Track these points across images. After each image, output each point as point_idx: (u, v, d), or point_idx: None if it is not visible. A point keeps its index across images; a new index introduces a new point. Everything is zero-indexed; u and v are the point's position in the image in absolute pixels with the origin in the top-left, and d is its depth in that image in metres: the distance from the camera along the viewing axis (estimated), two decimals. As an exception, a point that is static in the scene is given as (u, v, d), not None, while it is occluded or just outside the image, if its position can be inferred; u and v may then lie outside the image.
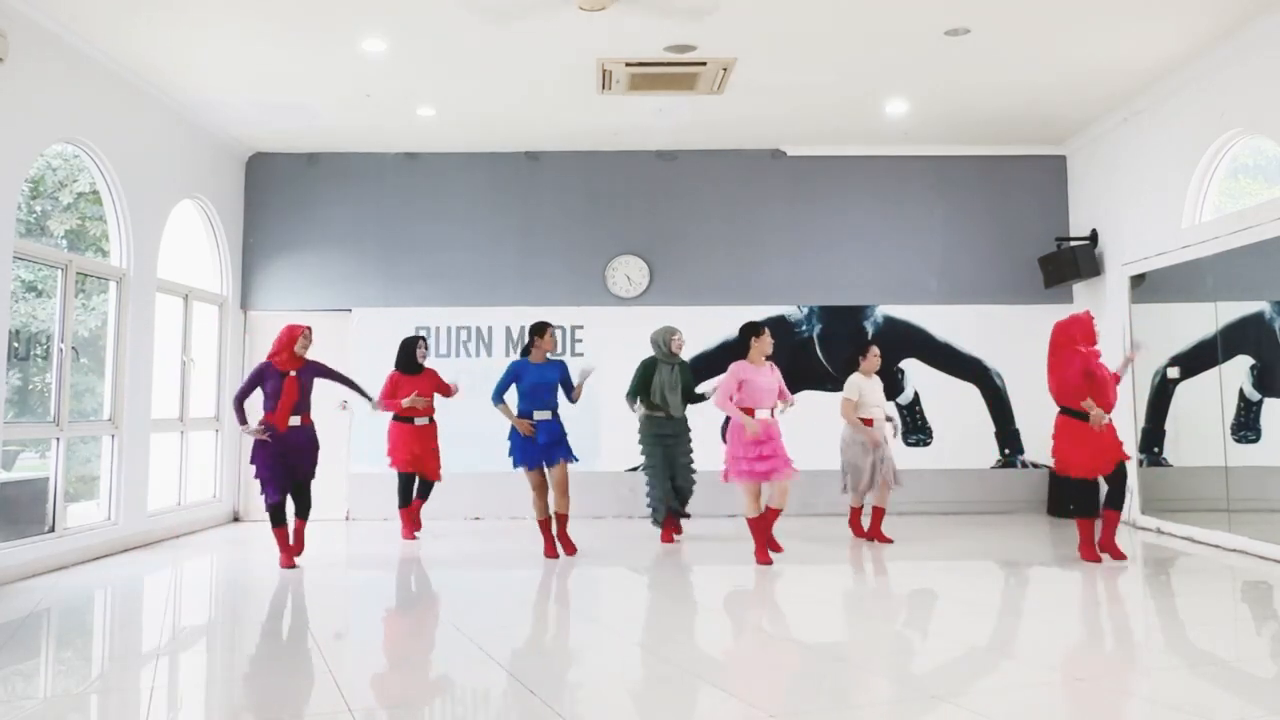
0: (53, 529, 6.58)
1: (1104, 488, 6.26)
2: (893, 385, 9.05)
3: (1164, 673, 3.96)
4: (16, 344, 6.79)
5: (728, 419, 6.43)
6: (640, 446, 7.35)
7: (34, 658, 4.49)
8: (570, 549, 6.77)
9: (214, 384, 8.91)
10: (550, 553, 6.67)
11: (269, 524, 6.49)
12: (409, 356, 7.80)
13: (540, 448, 6.61)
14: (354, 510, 9.14)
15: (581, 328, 9.29)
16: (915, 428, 9.27)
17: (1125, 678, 3.93)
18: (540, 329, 6.75)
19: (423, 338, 8.00)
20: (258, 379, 6.42)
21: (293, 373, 6.38)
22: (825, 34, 6.74)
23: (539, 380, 6.68)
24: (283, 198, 9.41)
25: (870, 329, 9.34)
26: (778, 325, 9.31)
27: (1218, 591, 5.75)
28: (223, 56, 7.07)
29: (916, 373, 9.29)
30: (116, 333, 7.38)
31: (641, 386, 7.28)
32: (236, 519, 9.09)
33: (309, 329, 6.54)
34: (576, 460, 6.78)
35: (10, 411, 6.40)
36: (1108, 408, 6.16)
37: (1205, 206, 7.42)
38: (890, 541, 7.15)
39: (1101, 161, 8.81)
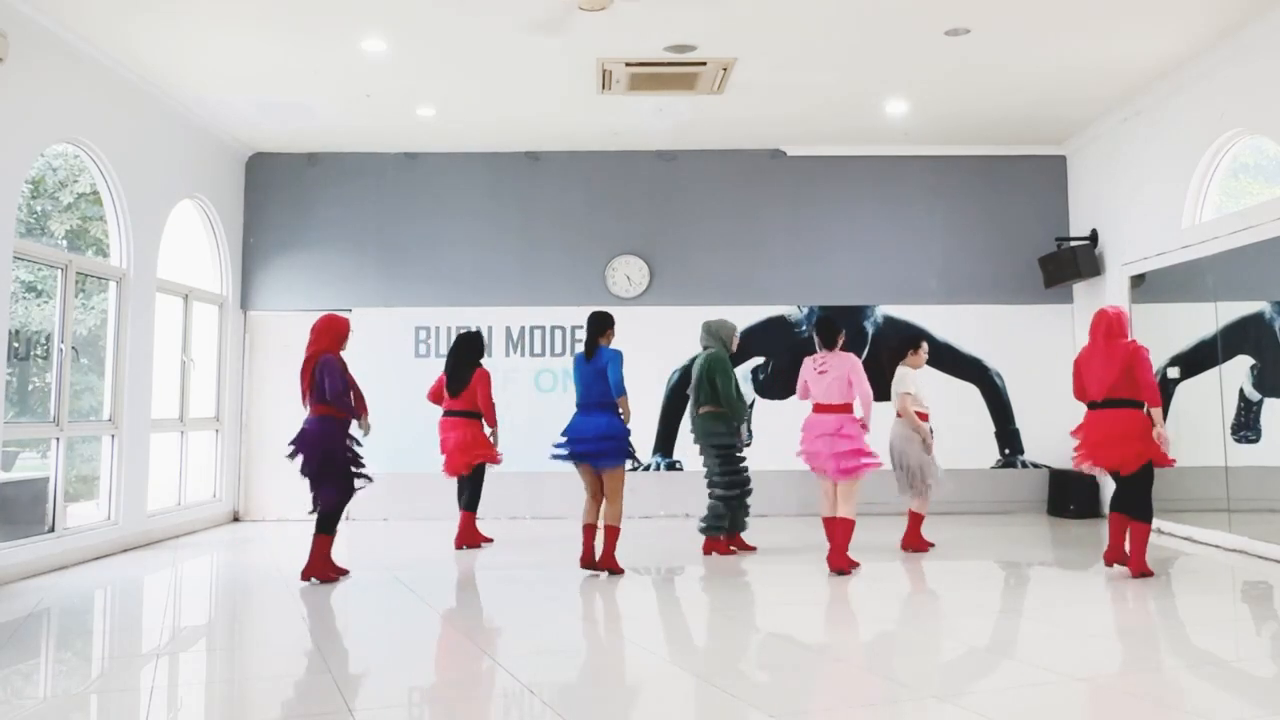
0: (53, 529, 6.57)
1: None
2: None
3: (1164, 673, 3.96)
4: (16, 344, 6.78)
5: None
6: (732, 449, 6.81)
7: (34, 658, 4.49)
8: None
9: (214, 384, 8.91)
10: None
11: (317, 530, 5.89)
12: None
13: None
14: (354, 510, 9.12)
15: (581, 327, 9.27)
16: (915, 428, 9.27)
17: (1125, 678, 3.93)
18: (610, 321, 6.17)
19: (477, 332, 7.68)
20: (344, 371, 6.01)
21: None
22: (825, 34, 6.74)
23: None
24: (283, 198, 9.41)
25: (870, 329, 9.34)
26: (778, 325, 9.33)
27: (1218, 591, 5.75)
28: (223, 56, 7.07)
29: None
30: (116, 333, 7.38)
31: (737, 384, 6.82)
32: (236, 519, 9.09)
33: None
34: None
35: (10, 411, 6.40)
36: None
37: (1205, 206, 7.41)
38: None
39: (1101, 162, 8.80)
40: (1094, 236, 8.87)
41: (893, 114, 8.43)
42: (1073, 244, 8.90)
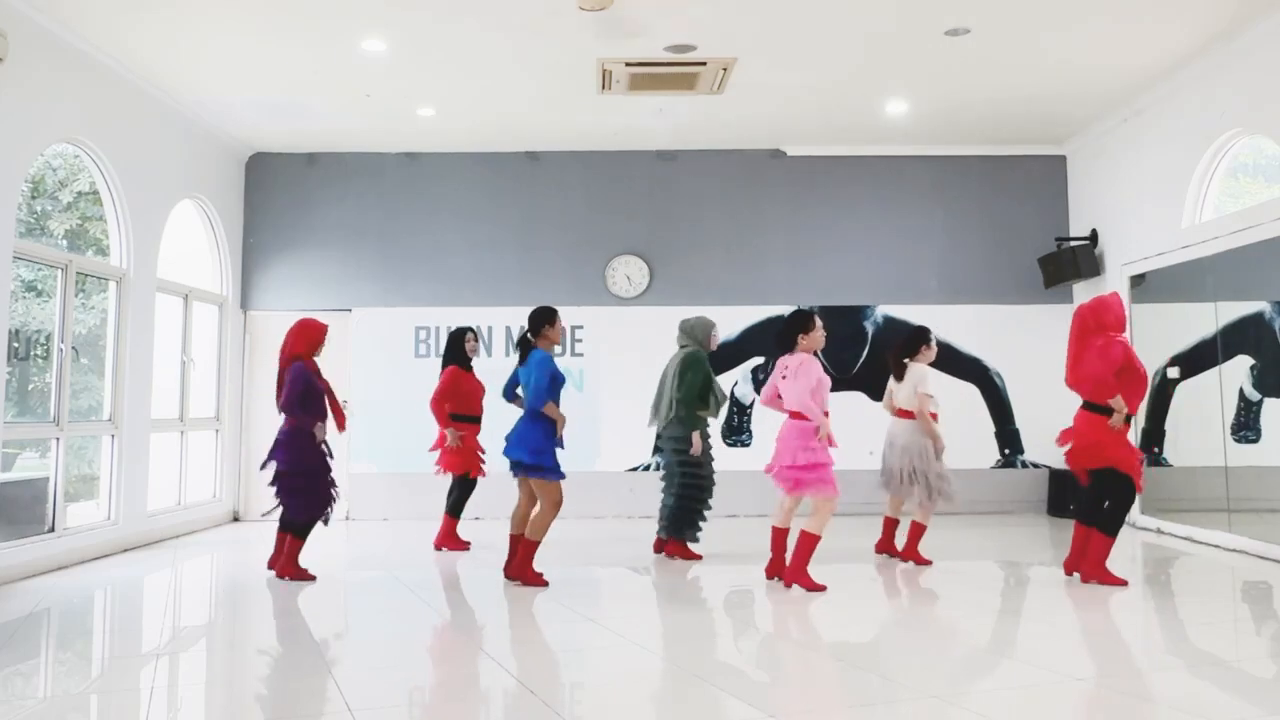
0: (53, 529, 6.58)
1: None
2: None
3: (1164, 673, 3.96)
4: (16, 344, 6.78)
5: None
6: (694, 455, 6.47)
7: (34, 658, 4.49)
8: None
9: (214, 384, 8.91)
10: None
11: (285, 533, 6.00)
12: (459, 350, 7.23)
13: None
14: (354, 510, 9.14)
15: (581, 327, 9.29)
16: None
17: (1125, 678, 3.93)
18: (552, 316, 5.91)
19: (472, 330, 7.44)
20: (310, 380, 5.90)
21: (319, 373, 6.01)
22: (825, 34, 6.75)
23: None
24: (283, 198, 9.42)
25: (870, 329, 9.34)
26: (778, 325, 9.31)
27: (1218, 591, 5.75)
28: (223, 57, 7.07)
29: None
30: (116, 333, 7.38)
31: (707, 386, 6.46)
32: (236, 519, 9.09)
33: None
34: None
35: (10, 411, 6.39)
36: (1134, 409, 5.54)
37: (1205, 206, 7.42)
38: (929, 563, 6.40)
39: (1101, 161, 8.80)
40: (1094, 236, 8.87)
41: (893, 114, 8.43)
42: (1072, 244, 8.90)
